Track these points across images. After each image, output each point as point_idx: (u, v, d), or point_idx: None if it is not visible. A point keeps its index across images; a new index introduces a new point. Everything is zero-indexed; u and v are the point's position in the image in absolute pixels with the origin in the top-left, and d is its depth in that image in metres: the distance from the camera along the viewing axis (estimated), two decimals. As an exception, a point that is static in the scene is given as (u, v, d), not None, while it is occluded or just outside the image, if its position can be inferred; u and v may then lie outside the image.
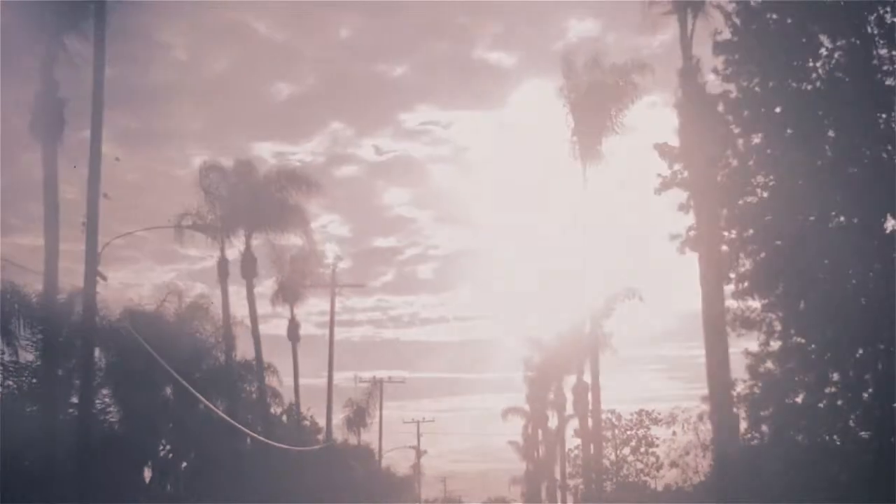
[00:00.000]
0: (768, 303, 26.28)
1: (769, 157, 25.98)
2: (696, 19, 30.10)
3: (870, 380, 24.70)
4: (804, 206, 25.24)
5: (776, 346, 26.01)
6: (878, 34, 25.58)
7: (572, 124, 44.31)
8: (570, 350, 65.76)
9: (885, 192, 24.48)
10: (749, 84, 26.45)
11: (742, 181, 26.62)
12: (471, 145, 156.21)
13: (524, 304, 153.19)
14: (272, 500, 50.13)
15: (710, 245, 27.47)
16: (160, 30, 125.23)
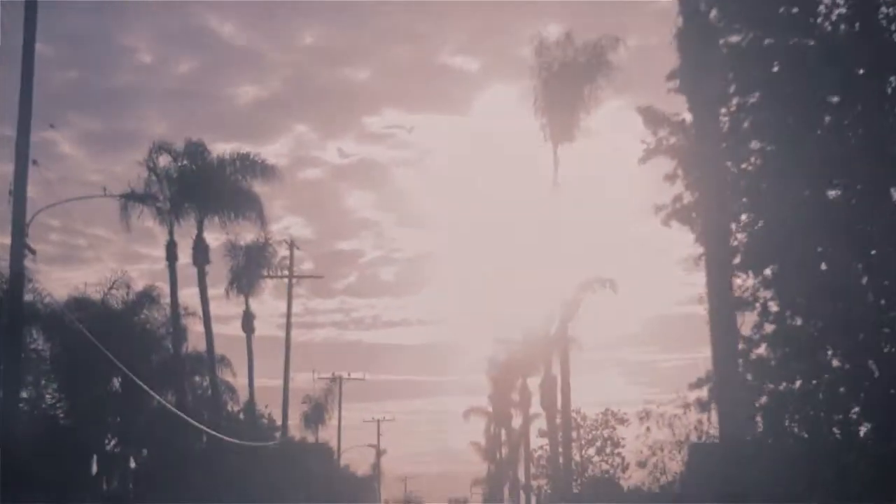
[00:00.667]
0: (762, 280, 23.95)
1: (765, 119, 23.65)
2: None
3: (873, 366, 22.55)
4: (802, 176, 22.96)
5: (770, 330, 23.68)
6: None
7: (543, 104, 42.58)
8: (536, 347, 64.45)
9: (892, 162, 22.43)
10: (743, 39, 24.05)
11: (737, 145, 24.20)
12: (434, 149, 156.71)
13: (488, 305, 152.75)
14: (225, 498, 49.06)
15: (714, 211, 24.49)
16: (124, 33, 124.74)
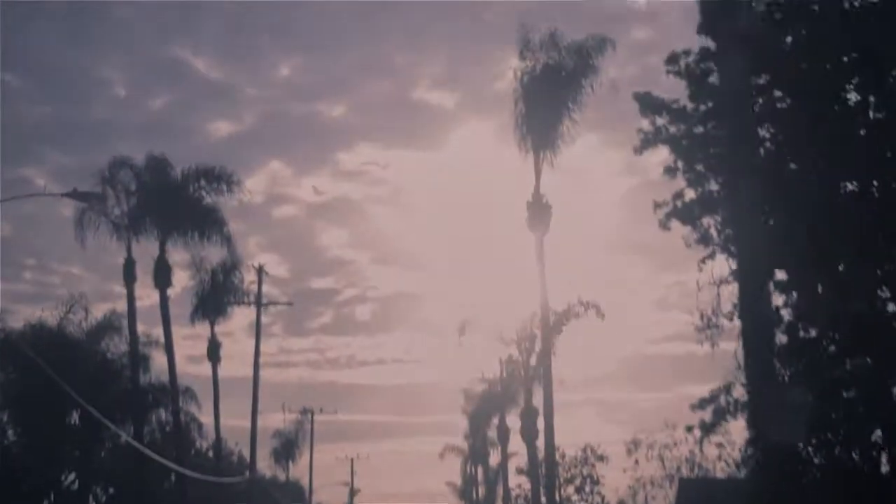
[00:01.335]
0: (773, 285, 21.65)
1: (775, 103, 21.43)
2: None
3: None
4: (816, 169, 20.71)
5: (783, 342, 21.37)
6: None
7: (524, 111, 40.10)
8: (515, 378, 62.78)
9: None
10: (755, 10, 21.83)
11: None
12: (410, 186, 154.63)
13: (465, 341, 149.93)
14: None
15: (745, 208, 21.39)
16: (98, 66, 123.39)
